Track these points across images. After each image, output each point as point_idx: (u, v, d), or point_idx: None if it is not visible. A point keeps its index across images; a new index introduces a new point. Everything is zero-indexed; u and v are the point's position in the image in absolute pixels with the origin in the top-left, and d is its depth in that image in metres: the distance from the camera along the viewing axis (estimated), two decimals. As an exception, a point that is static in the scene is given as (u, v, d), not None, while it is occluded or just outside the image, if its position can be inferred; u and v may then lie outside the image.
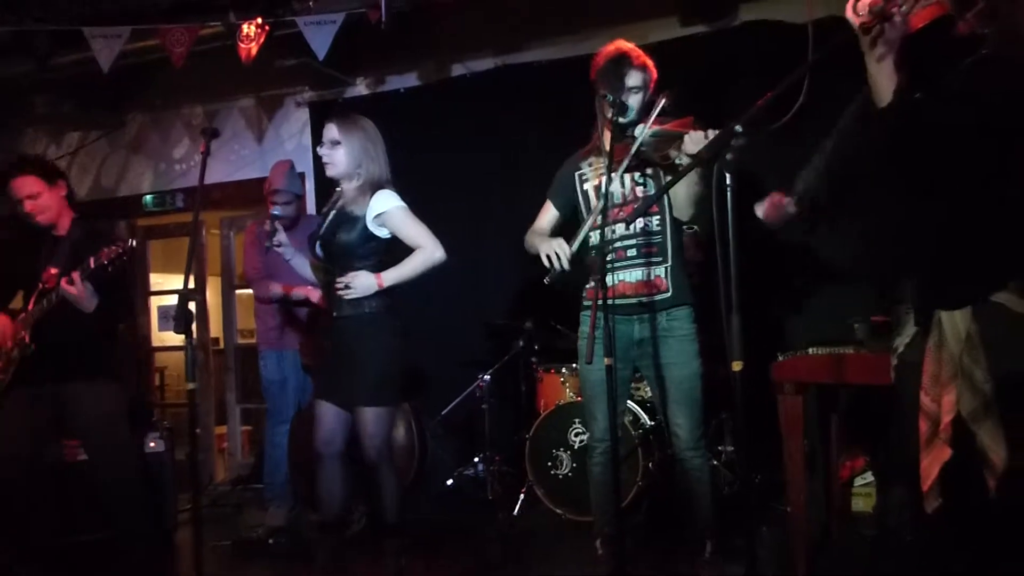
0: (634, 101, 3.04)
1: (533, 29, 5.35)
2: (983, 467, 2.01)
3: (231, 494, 5.72)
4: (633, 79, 3.04)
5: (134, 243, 3.29)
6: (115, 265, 3.27)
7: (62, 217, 3.57)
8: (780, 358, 3.36)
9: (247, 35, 4.83)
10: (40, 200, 3.49)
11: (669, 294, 3.05)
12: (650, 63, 3.10)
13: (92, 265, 3.27)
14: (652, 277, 3.06)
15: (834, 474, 3.83)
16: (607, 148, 2.98)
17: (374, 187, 3.22)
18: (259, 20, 4.85)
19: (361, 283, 3.15)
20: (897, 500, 3.23)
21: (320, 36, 4.72)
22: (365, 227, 3.19)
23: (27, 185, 3.47)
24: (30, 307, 3.44)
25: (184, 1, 4.97)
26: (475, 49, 5.55)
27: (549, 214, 3.33)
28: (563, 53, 5.17)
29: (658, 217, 3.07)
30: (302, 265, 3.46)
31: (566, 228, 3.25)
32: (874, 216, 2.39)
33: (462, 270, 5.35)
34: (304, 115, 6.06)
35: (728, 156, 2.02)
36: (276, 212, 3.30)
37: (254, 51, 4.88)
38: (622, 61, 3.05)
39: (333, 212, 3.29)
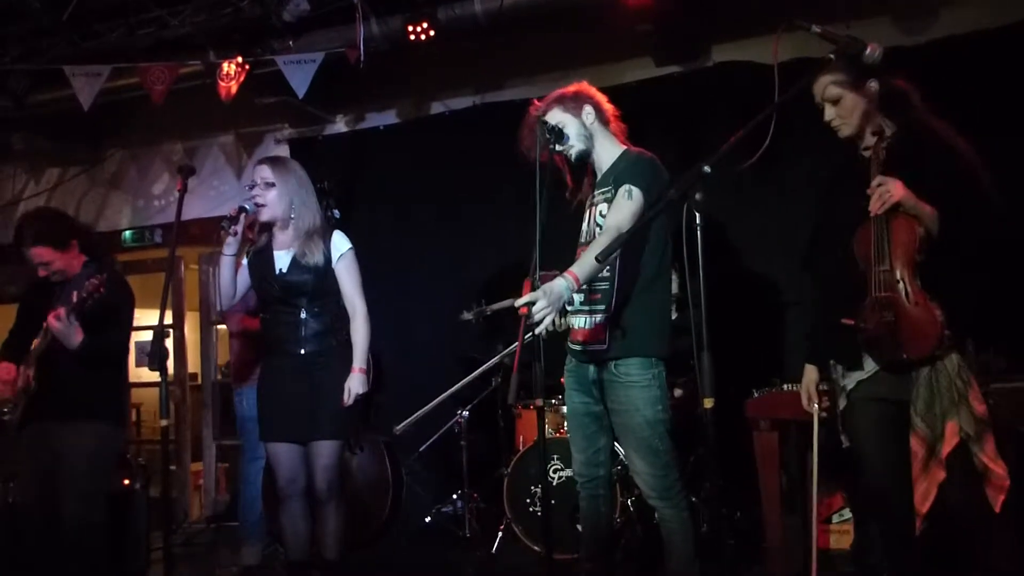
0: (571, 131, 3.04)
1: (512, 68, 5.41)
2: (985, 485, 2.11)
3: (205, 532, 5.65)
4: (551, 121, 3.02)
5: (104, 277, 3.26)
6: (93, 300, 3.25)
7: (74, 267, 3.63)
8: (755, 394, 3.39)
9: (227, 74, 4.86)
10: (53, 266, 3.57)
11: (604, 347, 2.84)
12: (554, 95, 3.10)
13: (74, 299, 3.26)
14: (592, 325, 2.90)
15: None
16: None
17: (316, 232, 3.23)
18: (239, 59, 4.89)
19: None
20: (873, 537, 3.25)
21: (300, 75, 4.77)
22: (328, 269, 3.22)
23: (39, 256, 3.55)
24: (33, 346, 3.47)
25: (164, 40, 5.00)
26: (454, 87, 5.60)
27: None
28: (542, 91, 5.08)
29: (607, 266, 2.84)
30: (229, 265, 3.32)
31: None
32: None
33: (442, 304, 5.37)
34: (284, 152, 6.06)
35: (697, 196, 2.04)
36: (246, 205, 3.25)
37: (234, 89, 4.92)
38: (533, 127, 3.05)
39: (287, 253, 3.26)
